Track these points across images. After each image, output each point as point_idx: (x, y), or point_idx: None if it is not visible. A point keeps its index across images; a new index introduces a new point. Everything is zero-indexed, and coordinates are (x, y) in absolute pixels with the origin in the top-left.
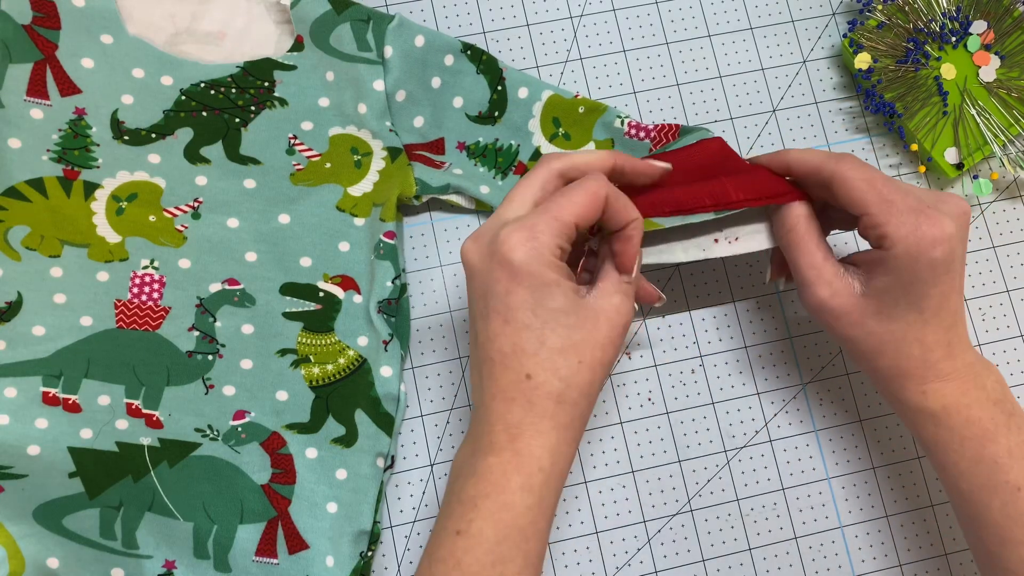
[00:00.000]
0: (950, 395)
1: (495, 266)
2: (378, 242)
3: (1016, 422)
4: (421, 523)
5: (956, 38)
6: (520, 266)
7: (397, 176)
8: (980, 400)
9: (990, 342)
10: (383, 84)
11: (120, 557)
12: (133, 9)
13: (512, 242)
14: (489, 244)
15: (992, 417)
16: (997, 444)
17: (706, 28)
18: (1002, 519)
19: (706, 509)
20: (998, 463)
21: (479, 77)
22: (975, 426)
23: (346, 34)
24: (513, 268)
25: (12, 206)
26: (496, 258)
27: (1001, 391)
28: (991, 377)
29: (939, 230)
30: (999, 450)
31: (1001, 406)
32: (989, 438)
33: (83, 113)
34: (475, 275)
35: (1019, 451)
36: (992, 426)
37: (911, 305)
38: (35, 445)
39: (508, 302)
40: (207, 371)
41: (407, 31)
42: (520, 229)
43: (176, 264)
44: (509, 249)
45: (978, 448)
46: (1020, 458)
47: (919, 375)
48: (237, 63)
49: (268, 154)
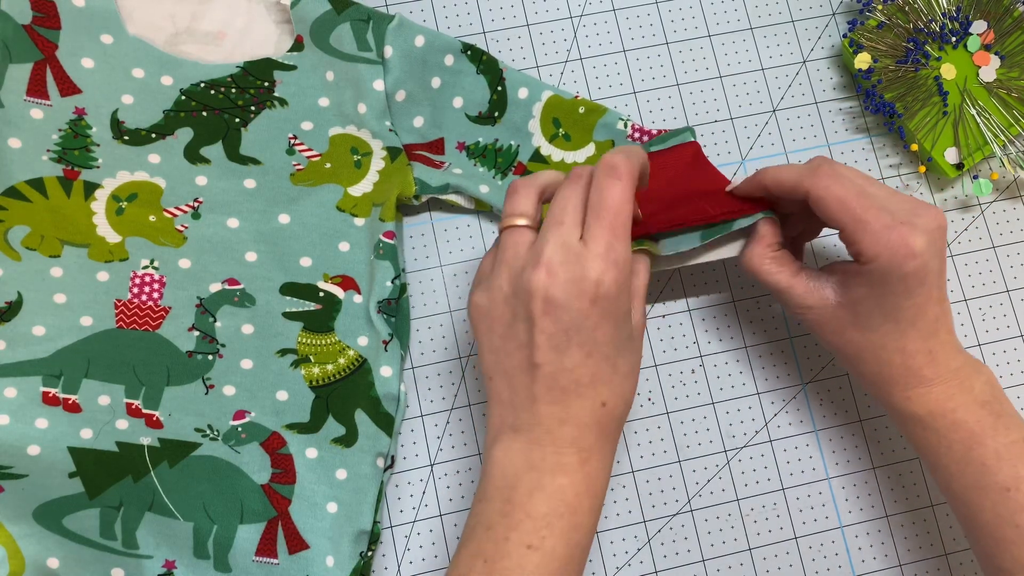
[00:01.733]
0: (934, 400)
1: (587, 305)
2: (378, 242)
3: (1004, 423)
4: (421, 523)
5: (956, 38)
6: (614, 302)
7: (397, 176)
8: (966, 403)
9: (990, 342)
10: (383, 84)
11: (120, 557)
12: (133, 9)
13: (607, 279)
14: (577, 282)
15: (979, 420)
16: (984, 447)
17: (706, 28)
18: (993, 519)
19: (706, 509)
20: (986, 465)
21: (479, 77)
22: (961, 429)
23: (346, 34)
24: (608, 305)
25: (12, 206)
26: (587, 296)
27: (991, 392)
28: (980, 379)
29: (911, 245)
30: (986, 452)
31: (989, 408)
32: (976, 441)
33: (83, 113)
34: (563, 311)
35: (1007, 452)
36: (979, 428)
37: (886, 316)
38: (35, 445)
39: (595, 337)
40: (207, 371)
41: (407, 31)
42: (608, 264)
43: (176, 264)
44: (602, 286)
45: (965, 451)
46: (1008, 459)
47: (902, 381)
48: (237, 63)
49: (268, 154)
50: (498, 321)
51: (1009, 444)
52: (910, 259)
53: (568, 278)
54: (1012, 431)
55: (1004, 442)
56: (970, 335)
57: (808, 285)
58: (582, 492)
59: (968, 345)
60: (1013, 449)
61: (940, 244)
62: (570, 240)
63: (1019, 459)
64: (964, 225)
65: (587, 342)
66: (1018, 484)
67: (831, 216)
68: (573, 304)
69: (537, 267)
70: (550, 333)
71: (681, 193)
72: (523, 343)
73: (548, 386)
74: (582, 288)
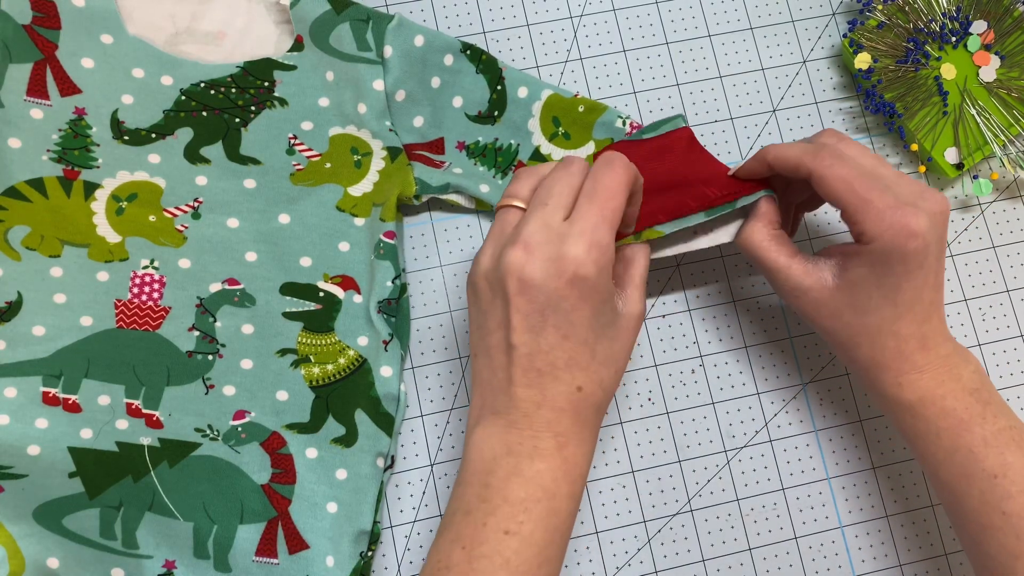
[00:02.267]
0: (925, 387)
1: (563, 285)
2: (378, 242)
3: (992, 411)
4: (421, 523)
5: (956, 38)
6: (593, 284)
7: (397, 176)
8: (955, 391)
9: (990, 342)
10: (383, 84)
11: (120, 557)
12: (133, 9)
13: (586, 260)
14: (555, 261)
15: (967, 407)
16: (972, 434)
17: (706, 28)
18: (980, 506)
19: (706, 509)
20: (974, 452)
21: (479, 77)
22: (950, 417)
23: (346, 34)
24: (586, 286)
25: (12, 206)
26: (565, 277)
27: (979, 380)
28: (968, 367)
29: (913, 225)
30: (974, 439)
31: (977, 395)
32: (964, 428)
33: (83, 113)
34: (537, 291)
35: (994, 439)
36: (967, 416)
37: (885, 298)
38: (35, 445)
39: (572, 319)
40: (207, 371)
41: (407, 31)
42: (589, 245)
43: (176, 264)
44: (581, 266)
45: (954, 438)
46: (995, 446)
47: (895, 367)
48: (237, 63)
49: (268, 154)
50: (482, 298)
51: (997, 432)
52: (912, 239)
53: (546, 257)
54: (1000, 418)
55: (992, 429)
56: (970, 335)
57: (806, 266)
58: (560, 477)
59: (968, 345)
60: (1001, 436)
61: (942, 228)
62: (552, 221)
63: (1006, 446)
64: (964, 225)
65: (563, 324)
66: (1005, 471)
67: (835, 196)
68: (549, 284)
69: (515, 245)
70: (525, 313)
71: (680, 179)
72: (500, 322)
73: (524, 368)
74: (560, 267)
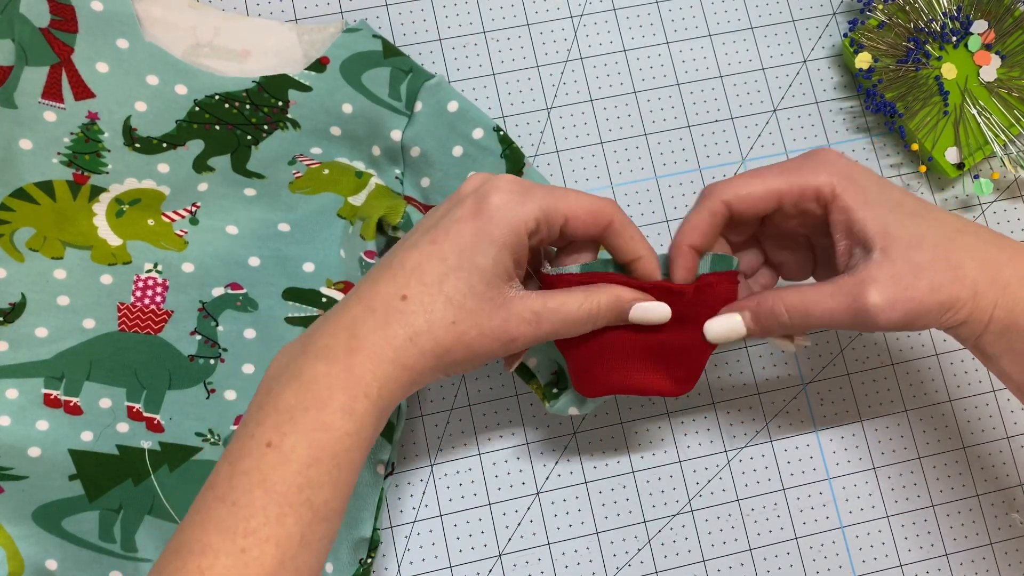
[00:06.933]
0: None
1: (469, 198)
2: (360, 259)
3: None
4: (421, 523)
5: (957, 38)
6: (486, 211)
7: (387, 199)
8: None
9: None
10: (400, 134)
11: (119, 560)
12: (153, 18)
13: (501, 188)
14: (480, 184)
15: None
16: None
17: (706, 28)
18: None
19: (706, 509)
20: None
21: (501, 161)
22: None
23: (382, 78)
24: (479, 208)
25: (20, 207)
26: (480, 191)
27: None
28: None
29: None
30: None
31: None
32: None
33: (96, 118)
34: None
35: None
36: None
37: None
38: (36, 447)
39: (450, 230)
40: (209, 375)
41: (443, 93)
42: (516, 186)
43: (179, 268)
44: (493, 190)
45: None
46: None
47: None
48: (253, 78)
49: (272, 170)
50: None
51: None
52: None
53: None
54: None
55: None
56: None
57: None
58: (336, 386)
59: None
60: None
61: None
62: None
63: None
64: None
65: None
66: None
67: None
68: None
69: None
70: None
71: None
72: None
73: (382, 260)
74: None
